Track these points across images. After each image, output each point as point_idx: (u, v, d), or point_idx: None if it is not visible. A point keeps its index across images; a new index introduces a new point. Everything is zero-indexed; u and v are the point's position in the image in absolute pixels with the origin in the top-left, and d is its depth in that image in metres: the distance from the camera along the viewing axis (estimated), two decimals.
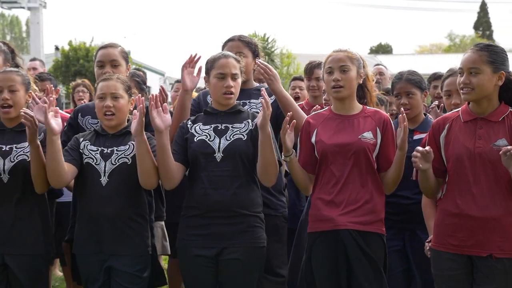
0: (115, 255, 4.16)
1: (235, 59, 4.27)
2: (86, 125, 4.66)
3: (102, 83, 4.29)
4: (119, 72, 4.62)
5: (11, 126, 4.36)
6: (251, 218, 4.12)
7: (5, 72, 4.38)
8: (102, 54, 4.71)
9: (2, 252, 4.23)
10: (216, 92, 4.24)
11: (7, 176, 4.25)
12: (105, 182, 4.17)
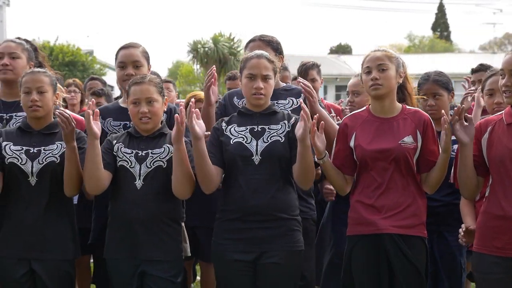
0: (149, 260, 4.07)
1: (268, 60, 4.17)
2: (108, 127, 4.56)
3: (135, 88, 4.19)
4: (141, 73, 4.52)
5: (38, 128, 4.25)
6: (290, 221, 4.06)
7: (33, 73, 4.26)
8: (123, 54, 4.60)
9: (29, 257, 4.12)
10: (246, 93, 4.17)
11: (35, 179, 4.14)
12: (140, 185, 4.08)
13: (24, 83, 4.23)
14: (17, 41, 4.77)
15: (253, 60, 4.16)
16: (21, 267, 4.10)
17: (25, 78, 4.24)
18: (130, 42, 4.72)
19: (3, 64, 4.63)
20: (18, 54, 4.68)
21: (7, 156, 4.17)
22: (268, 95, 4.16)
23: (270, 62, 4.17)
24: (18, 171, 4.13)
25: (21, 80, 4.27)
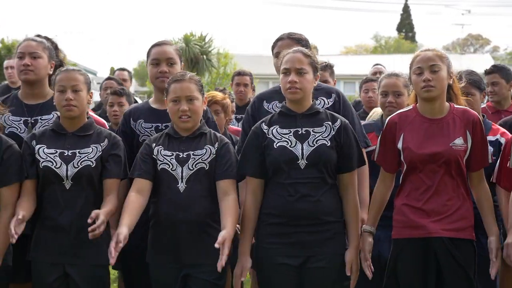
0: (194, 264, 3.97)
1: (304, 54, 4.05)
2: (140, 129, 4.42)
3: (175, 85, 4.07)
4: (175, 70, 4.39)
5: (72, 130, 4.11)
6: (335, 224, 3.97)
7: (67, 71, 4.13)
8: (157, 52, 4.46)
9: (63, 262, 3.99)
10: (282, 89, 4.06)
11: (70, 183, 4.00)
12: (183, 188, 3.97)
13: (59, 81, 4.09)
14: (38, 39, 4.61)
15: (288, 55, 4.05)
16: (55, 271, 3.99)
17: (59, 76, 4.11)
18: (163, 39, 4.59)
19: (24, 65, 4.47)
20: (39, 53, 4.53)
21: (41, 159, 4.03)
22: (305, 89, 4.01)
23: (306, 56, 4.04)
24: (52, 175, 4.01)
25: (55, 78, 4.14)
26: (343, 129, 4.00)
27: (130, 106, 4.87)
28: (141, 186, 3.99)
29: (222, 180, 4.01)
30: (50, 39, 4.70)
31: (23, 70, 4.46)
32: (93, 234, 3.67)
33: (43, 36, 4.70)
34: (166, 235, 3.98)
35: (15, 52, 4.61)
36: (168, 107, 4.09)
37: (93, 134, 4.10)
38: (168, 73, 4.36)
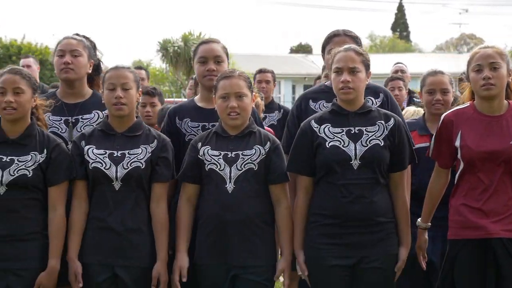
0: (243, 266, 3.90)
1: (356, 52, 3.97)
2: (186, 129, 4.31)
3: (225, 82, 3.99)
4: (222, 68, 4.31)
5: (121, 130, 4.03)
6: (388, 225, 3.91)
7: (117, 69, 4.04)
8: (204, 49, 4.36)
9: (113, 263, 3.91)
10: (334, 88, 3.98)
11: (120, 184, 3.92)
12: (231, 189, 3.89)
13: (108, 79, 4.00)
14: (78, 37, 4.51)
15: (340, 53, 3.97)
16: (104, 271, 3.92)
17: (109, 74, 4.03)
18: (210, 37, 4.50)
19: (65, 63, 4.36)
20: (80, 51, 4.42)
21: (90, 160, 3.95)
22: (358, 89, 3.93)
23: (359, 54, 3.97)
24: (102, 176, 3.93)
25: (104, 76, 4.06)
26: (397, 128, 3.93)
27: (174, 105, 4.77)
28: (191, 193, 4.00)
29: (274, 185, 3.97)
30: (89, 38, 4.61)
31: (64, 68, 4.37)
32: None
33: (82, 35, 4.60)
34: (214, 236, 3.92)
35: (54, 50, 4.51)
36: (216, 104, 4.02)
37: (142, 135, 4.03)
38: (216, 71, 4.27)
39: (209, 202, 3.94)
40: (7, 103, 3.89)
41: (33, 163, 3.90)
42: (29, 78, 4.00)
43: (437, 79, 4.79)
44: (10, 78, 3.94)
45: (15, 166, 3.89)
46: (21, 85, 3.94)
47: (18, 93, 3.92)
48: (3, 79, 3.95)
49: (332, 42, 4.42)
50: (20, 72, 4.00)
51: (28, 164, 3.90)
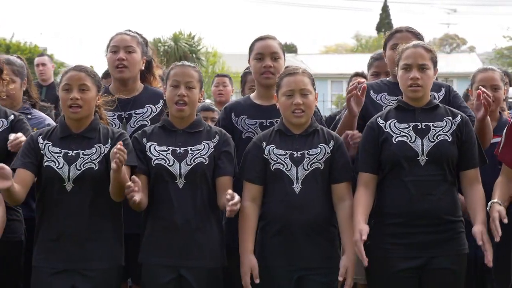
0: (309, 268, 3.85)
1: (425, 49, 3.94)
2: (243, 126, 4.26)
3: (289, 78, 3.94)
4: (280, 65, 4.27)
5: (183, 127, 3.97)
6: (456, 224, 3.85)
7: (183, 66, 3.99)
8: (261, 46, 4.30)
9: (177, 264, 3.84)
10: (402, 85, 3.94)
11: (183, 181, 3.86)
12: (299, 189, 3.83)
13: (173, 76, 3.94)
14: (131, 33, 4.45)
15: (409, 50, 3.93)
16: (169, 272, 3.84)
17: (174, 71, 3.97)
18: (266, 34, 4.45)
19: (119, 59, 4.31)
20: (134, 47, 4.37)
21: (153, 157, 3.89)
22: (426, 86, 3.90)
23: (428, 51, 3.93)
24: (166, 173, 3.86)
25: (168, 73, 3.99)
26: (464, 124, 3.89)
27: (230, 101, 4.73)
28: (255, 193, 3.92)
29: (338, 183, 3.92)
30: (141, 35, 4.55)
31: (118, 64, 4.31)
32: (232, 210, 3.60)
33: (134, 31, 4.54)
34: (279, 238, 3.85)
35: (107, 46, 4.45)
36: (279, 102, 3.96)
37: (203, 131, 3.97)
38: (273, 68, 4.23)
39: (275, 203, 3.87)
40: (72, 100, 3.83)
41: (98, 155, 3.84)
42: (94, 76, 3.94)
43: (488, 76, 4.75)
44: (76, 75, 3.87)
45: (81, 160, 3.82)
46: (87, 82, 3.88)
47: (83, 90, 3.85)
48: (68, 76, 3.88)
49: (394, 38, 4.39)
50: (86, 69, 3.94)
51: (94, 157, 3.84)
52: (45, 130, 3.98)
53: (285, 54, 4.43)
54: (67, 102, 3.83)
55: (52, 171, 3.81)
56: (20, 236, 4.22)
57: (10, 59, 4.70)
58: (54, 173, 3.81)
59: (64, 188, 3.81)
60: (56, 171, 3.81)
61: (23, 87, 4.74)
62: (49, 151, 3.86)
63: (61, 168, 3.81)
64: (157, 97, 4.38)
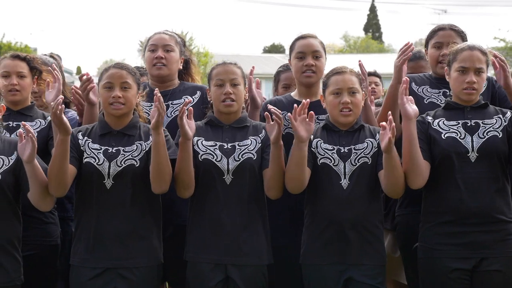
0: (357, 265, 3.79)
1: (481, 52, 3.91)
2: (285, 123, 4.22)
3: (337, 77, 3.91)
4: (321, 64, 4.25)
5: (229, 123, 3.94)
6: (509, 224, 3.79)
7: (225, 65, 3.98)
8: (303, 44, 4.26)
9: (226, 262, 3.80)
10: (456, 87, 3.90)
11: (231, 177, 3.83)
12: (346, 185, 3.80)
13: (217, 75, 3.93)
14: (169, 33, 4.42)
15: (465, 52, 3.89)
16: (218, 273, 3.80)
17: (217, 70, 3.96)
18: (308, 32, 4.44)
19: (158, 57, 4.28)
20: (172, 47, 4.34)
21: (200, 152, 3.85)
22: (480, 89, 3.89)
23: (484, 54, 3.91)
24: (213, 168, 3.82)
25: (211, 73, 3.97)
26: None
27: (270, 98, 4.70)
28: None
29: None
30: (178, 34, 4.53)
31: (156, 63, 4.28)
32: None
33: (172, 32, 4.52)
34: (327, 235, 3.81)
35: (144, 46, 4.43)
36: (327, 100, 3.93)
37: (249, 126, 3.95)
38: (314, 66, 4.22)
39: (322, 199, 3.83)
40: (115, 98, 3.80)
41: (139, 152, 3.80)
42: (135, 74, 3.91)
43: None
44: (118, 72, 3.84)
45: (122, 157, 3.79)
46: (128, 80, 3.85)
47: (125, 88, 3.82)
48: (110, 74, 3.85)
49: (437, 36, 4.36)
50: (127, 67, 3.91)
51: (135, 154, 3.80)
52: (84, 127, 3.96)
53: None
54: (108, 100, 3.81)
55: (92, 167, 3.77)
56: (56, 239, 4.19)
57: (44, 58, 4.66)
58: (94, 169, 3.77)
59: (104, 185, 3.77)
60: (96, 167, 3.77)
61: None
62: (89, 147, 3.82)
63: (101, 164, 3.78)
64: (194, 89, 4.38)
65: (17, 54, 4.33)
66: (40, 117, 4.24)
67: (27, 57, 4.34)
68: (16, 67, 4.23)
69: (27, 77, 4.26)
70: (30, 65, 4.30)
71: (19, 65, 4.25)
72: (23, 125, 3.63)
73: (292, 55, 4.31)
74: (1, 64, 4.29)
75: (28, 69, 4.28)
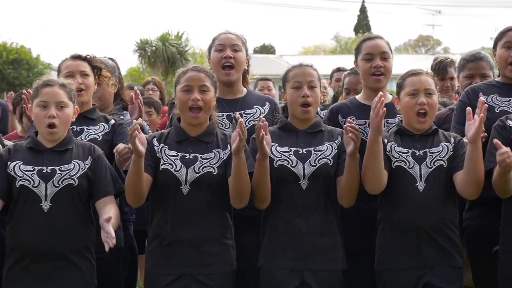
0: (434, 269, 3.76)
1: None
2: None
3: (413, 78, 3.88)
4: (389, 66, 4.21)
5: (304, 128, 3.91)
6: None
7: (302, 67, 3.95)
8: (370, 46, 4.22)
9: (302, 268, 3.76)
10: None
11: (307, 182, 3.79)
12: (422, 187, 3.77)
13: (294, 77, 3.89)
14: (236, 32, 4.37)
15: None
16: (294, 278, 3.75)
17: (293, 73, 3.92)
18: (376, 34, 4.40)
19: (226, 57, 4.21)
20: (240, 46, 4.28)
21: (275, 158, 3.82)
22: None
23: None
24: (288, 174, 3.79)
25: (286, 75, 3.93)
26: None
27: (338, 103, 4.64)
28: None
29: (460, 171, 3.78)
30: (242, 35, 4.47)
31: (225, 64, 4.21)
32: None
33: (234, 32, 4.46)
34: (404, 238, 3.76)
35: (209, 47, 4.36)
36: (402, 102, 3.87)
37: (324, 132, 3.91)
38: (383, 68, 4.17)
39: (397, 203, 3.79)
40: (194, 101, 3.75)
41: (217, 160, 3.76)
42: (212, 76, 3.87)
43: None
44: (196, 75, 3.80)
45: (200, 163, 3.75)
46: (206, 83, 3.81)
47: (204, 91, 3.78)
48: (188, 76, 3.81)
49: (507, 36, 4.30)
50: (204, 69, 3.87)
51: (213, 162, 3.76)
52: (158, 133, 3.93)
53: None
54: (187, 103, 3.76)
55: (170, 173, 3.74)
56: (120, 243, 4.14)
57: (102, 59, 4.60)
58: (172, 175, 3.73)
59: (180, 191, 3.73)
60: (173, 173, 3.73)
61: (114, 88, 4.64)
62: (165, 154, 3.78)
63: (178, 170, 3.74)
64: (263, 100, 4.32)
65: (78, 55, 4.30)
66: (103, 120, 4.20)
67: (87, 57, 4.30)
68: (78, 67, 4.20)
69: (90, 76, 4.23)
70: (92, 65, 4.27)
71: (81, 65, 4.21)
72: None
73: (358, 57, 4.26)
74: (62, 66, 4.26)
75: (90, 68, 4.24)
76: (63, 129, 3.74)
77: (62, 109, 3.71)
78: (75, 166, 3.70)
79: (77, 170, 3.70)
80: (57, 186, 3.64)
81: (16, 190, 3.65)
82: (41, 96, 3.71)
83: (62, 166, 3.68)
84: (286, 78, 3.93)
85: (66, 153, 3.73)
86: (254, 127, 4.04)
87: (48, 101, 3.69)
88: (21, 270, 3.64)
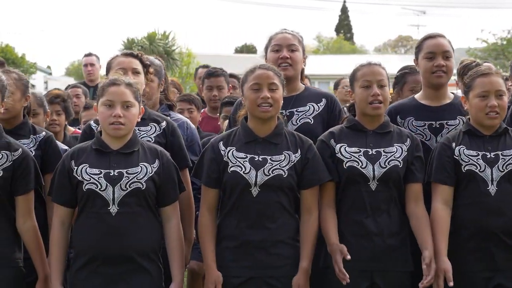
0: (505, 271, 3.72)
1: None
2: (410, 128, 4.11)
3: (483, 79, 3.82)
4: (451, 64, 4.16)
5: (373, 128, 3.85)
6: None
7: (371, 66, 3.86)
8: (432, 44, 4.15)
9: (372, 269, 3.71)
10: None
11: (376, 183, 3.74)
12: (494, 191, 3.72)
13: (363, 76, 3.82)
14: (293, 31, 4.30)
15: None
16: (363, 279, 3.71)
17: (362, 71, 3.85)
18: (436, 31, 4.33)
19: (283, 58, 4.15)
20: (297, 46, 4.23)
21: (344, 160, 3.76)
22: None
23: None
24: (358, 175, 3.74)
25: (355, 74, 3.87)
26: None
27: (397, 102, 4.56)
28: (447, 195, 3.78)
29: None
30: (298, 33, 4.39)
31: (281, 64, 4.15)
32: None
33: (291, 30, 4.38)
34: (474, 241, 3.73)
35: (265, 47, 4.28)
36: (472, 103, 3.82)
37: (393, 132, 3.85)
38: (445, 67, 4.11)
39: (468, 206, 3.75)
40: (264, 99, 3.70)
41: (287, 162, 3.71)
42: (280, 75, 3.82)
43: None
44: (265, 73, 3.75)
45: (269, 166, 3.68)
46: (275, 80, 3.76)
47: (273, 90, 3.73)
48: (256, 74, 3.75)
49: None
50: (272, 68, 3.84)
51: (283, 164, 3.70)
52: (224, 135, 3.87)
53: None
54: (257, 101, 3.69)
55: (239, 176, 3.68)
56: None
57: (149, 58, 4.50)
58: (241, 178, 3.68)
59: (250, 193, 3.68)
60: (243, 176, 3.68)
61: (160, 87, 4.56)
62: (233, 156, 3.72)
63: (247, 173, 3.68)
64: (320, 96, 4.26)
65: (130, 52, 4.26)
66: (153, 121, 4.11)
67: (138, 54, 4.25)
68: (131, 64, 4.15)
69: (141, 74, 4.17)
70: (143, 63, 4.20)
71: (133, 62, 4.17)
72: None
73: (420, 56, 4.19)
74: (114, 63, 4.20)
75: (141, 66, 4.18)
76: (129, 128, 3.64)
77: (128, 109, 3.63)
78: (142, 169, 3.64)
79: (144, 173, 3.63)
80: (125, 189, 3.58)
81: (84, 194, 3.57)
82: (107, 95, 3.63)
83: (130, 169, 3.61)
84: (354, 77, 3.86)
85: (132, 155, 3.65)
86: (305, 124, 4.03)
87: (114, 101, 3.61)
88: (89, 273, 3.57)
